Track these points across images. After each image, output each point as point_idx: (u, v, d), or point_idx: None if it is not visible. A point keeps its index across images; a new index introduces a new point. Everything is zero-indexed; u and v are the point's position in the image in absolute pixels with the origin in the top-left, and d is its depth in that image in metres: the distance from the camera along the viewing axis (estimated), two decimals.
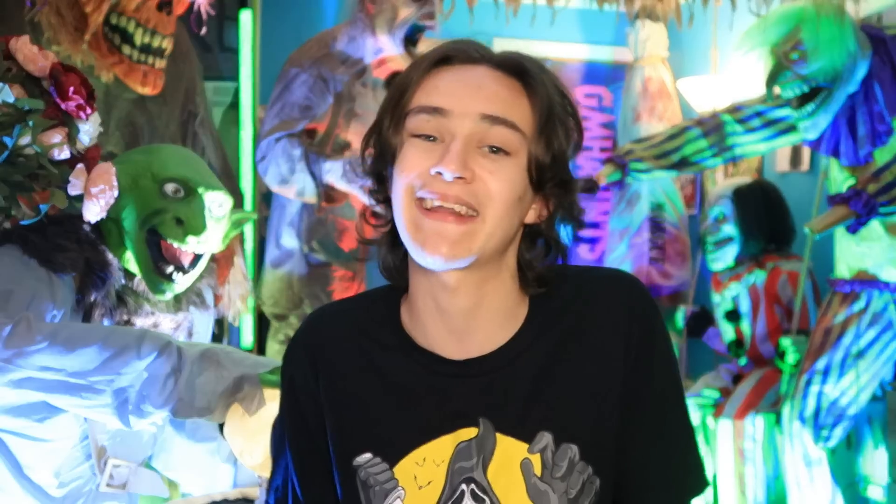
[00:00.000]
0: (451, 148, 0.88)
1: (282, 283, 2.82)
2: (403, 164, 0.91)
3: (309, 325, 1.04)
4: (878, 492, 2.77)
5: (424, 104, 0.91)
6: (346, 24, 2.83)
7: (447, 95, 0.91)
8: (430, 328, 0.96)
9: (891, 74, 2.36)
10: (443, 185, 0.88)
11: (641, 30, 3.85)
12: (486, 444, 0.93)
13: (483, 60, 0.93)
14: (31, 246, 1.56)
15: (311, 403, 0.99)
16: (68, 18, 1.95)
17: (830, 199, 2.31)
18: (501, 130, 0.90)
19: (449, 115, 0.90)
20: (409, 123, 0.91)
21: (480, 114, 0.89)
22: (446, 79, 0.92)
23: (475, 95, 0.90)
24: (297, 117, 2.66)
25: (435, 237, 0.88)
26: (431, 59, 0.93)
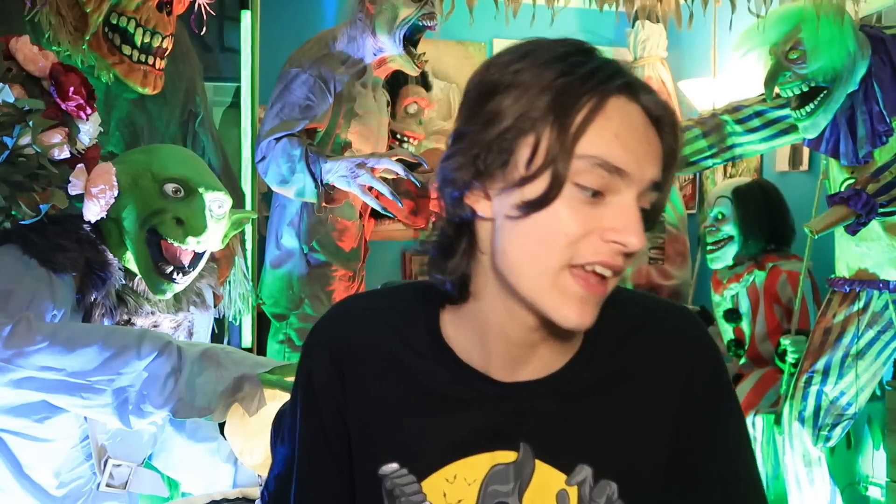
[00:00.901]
0: (633, 219, 0.82)
1: (282, 283, 2.82)
2: (565, 220, 0.81)
3: (334, 322, 0.97)
4: (878, 492, 2.77)
5: (609, 160, 0.81)
6: (346, 24, 2.83)
7: (629, 153, 0.82)
8: (485, 349, 0.90)
9: (890, 74, 2.36)
10: (615, 258, 0.82)
11: (641, 30, 3.86)
12: (524, 469, 0.89)
13: (637, 99, 0.84)
14: (31, 246, 1.57)
15: (329, 405, 0.94)
16: (68, 18, 1.95)
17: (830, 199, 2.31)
18: (653, 196, 0.85)
19: (626, 179, 0.82)
20: (578, 169, 0.81)
21: (650, 181, 0.84)
22: (624, 125, 0.82)
23: (650, 158, 0.83)
24: (297, 117, 2.66)
25: (582, 305, 0.83)
26: (608, 86, 0.82)
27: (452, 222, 0.89)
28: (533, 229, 0.82)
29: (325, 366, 0.94)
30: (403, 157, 2.65)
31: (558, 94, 0.81)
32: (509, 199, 0.83)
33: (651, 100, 0.85)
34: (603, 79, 0.82)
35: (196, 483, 1.87)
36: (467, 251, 0.89)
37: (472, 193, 0.86)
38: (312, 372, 0.95)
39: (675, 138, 0.86)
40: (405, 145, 3.44)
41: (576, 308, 0.83)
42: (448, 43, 4.03)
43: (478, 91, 0.86)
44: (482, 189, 0.85)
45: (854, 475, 2.85)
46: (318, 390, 0.94)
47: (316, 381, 0.95)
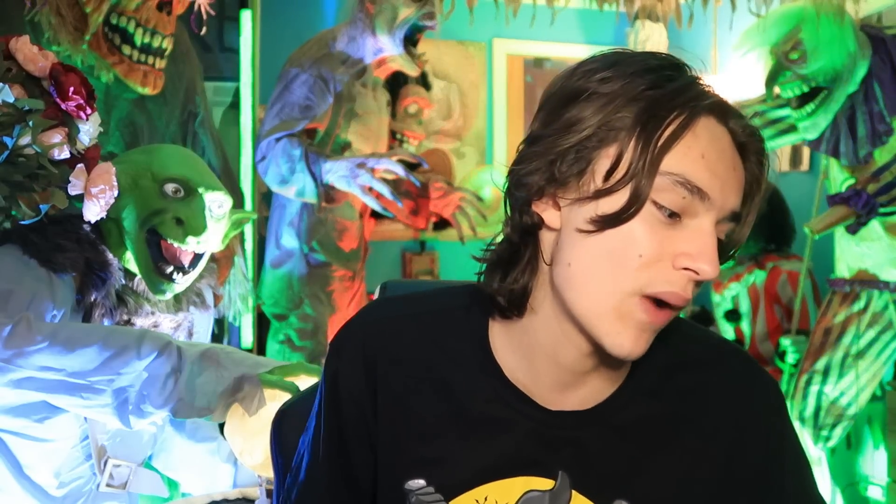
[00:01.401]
0: (709, 248, 0.77)
1: (282, 283, 2.82)
2: (644, 237, 0.77)
3: (370, 326, 0.91)
4: (878, 492, 2.78)
5: (692, 180, 0.77)
6: (346, 24, 2.83)
7: (713, 176, 0.78)
8: (533, 370, 0.86)
9: (891, 74, 2.36)
10: (686, 287, 0.78)
11: (641, 30, 3.85)
12: (559, 498, 0.86)
13: (725, 122, 0.82)
14: (31, 246, 1.57)
15: (354, 412, 0.89)
16: (68, 18, 1.95)
17: (830, 199, 2.31)
18: (731, 226, 0.81)
19: (708, 203, 0.77)
20: (659, 186, 0.77)
21: (731, 211, 0.80)
22: (711, 146, 0.79)
23: (733, 184, 0.79)
24: (297, 117, 2.66)
25: (639, 333, 0.79)
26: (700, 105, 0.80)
27: (518, 229, 0.84)
28: (604, 245, 0.78)
29: (355, 371, 0.89)
30: (403, 157, 2.65)
31: (647, 107, 0.78)
32: (582, 211, 0.79)
33: (740, 125, 0.82)
34: (694, 96, 0.80)
35: (196, 483, 1.87)
36: (531, 262, 0.84)
37: (542, 201, 0.82)
38: (339, 374, 0.90)
39: (761, 168, 0.83)
40: (405, 145, 3.44)
41: (632, 336, 0.78)
42: (448, 43, 4.03)
43: (559, 96, 0.82)
44: (553, 197, 0.81)
45: (854, 475, 2.85)
46: (344, 397, 0.90)
47: (342, 386, 0.90)
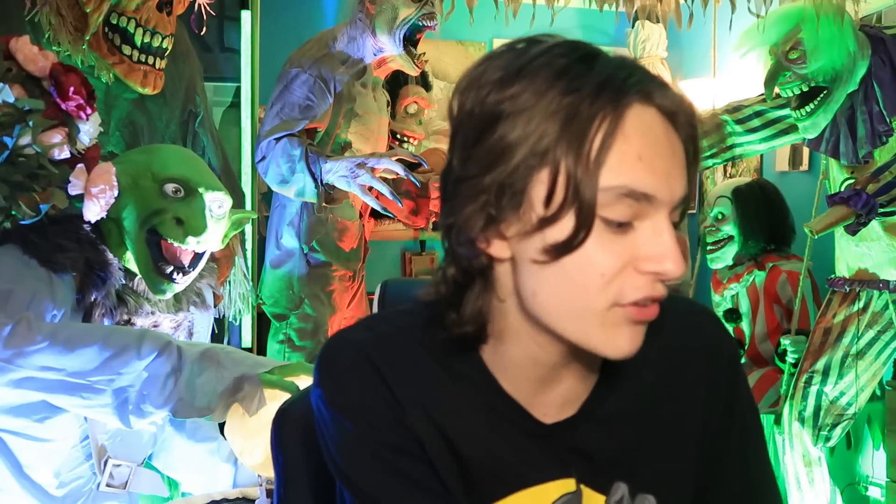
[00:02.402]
0: (667, 242, 0.75)
1: (282, 283, 2.82)
2: (598, 259, 0.74)
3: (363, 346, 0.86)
4: (878, 492, 2.78)
5: (635, 188, 0.73)
6: (346, 24, 2.83)
7: (657, 176, 0.74)
8: (517, 379, 0.86)
9: (890, 74, 2.36)
10: (657, 288, 0.76)
11: (641, 30, 3.86)
12: (579, 497, 0.87)
13: (652, 101, 0.76)
14: (31, 246, 1.57)
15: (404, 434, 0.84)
16: (68, 18, 1.95)
17: (830, 199, 2.31)
18: (682, 208, 0.79)
19: (655, 204, 0.75)
20: (603, 202, 0.73)
21: (680, 199, 0.77)
22: (644, 140, 0.74)
23: (677, 171, 0.76)
24: (297, 117, 2.66)
25: (633, 335, 0.78)
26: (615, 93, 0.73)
27: (465, 271, 0.80)
28: (564, 272, 0.75)
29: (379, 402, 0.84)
30: (403, 157, 2.65)
31: (567, 118, 0.72)
32: (531, 242, 0.75)
33: (664, 96, 0.76)
34: (614, 89, 0.73)
35: (196, 483, 1.87)
36: (482, 296, 0.81)
37: (485, 237, 0.78)
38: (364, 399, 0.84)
39: (695, 133, 0.79)
40: (405, 145, 3.44)
41: (626, 338, 0.77)
42: (448, 43, 4.03)
43: (472, 124, 0.76)
44: (496, 231, 0.77)
45: (854, 475, 2.85)
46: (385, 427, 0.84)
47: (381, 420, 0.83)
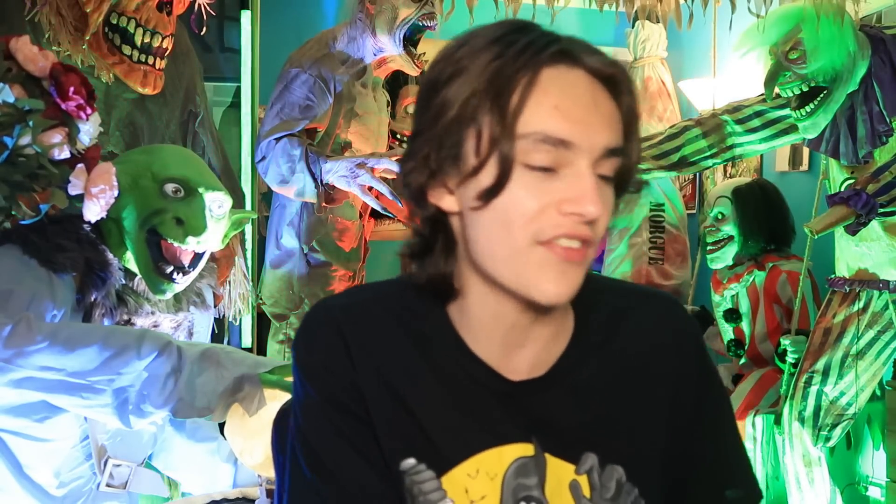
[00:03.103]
0: (587, 187, 0.80)
1: (282, 283, 2.82)
2: (522, 201, 0.80)
3: (332, 310, 0.91)
4: (878, 492, 2.78)
5: (551, 134, 0.79)
6: (345, 24, 2.83)
7: (572, 123, 0.80)
8: (484, 339, 0.90)
9: (890, 74, 2.36)
10: (577, 228, 0.81)
11: (641, 30, 3.86)
12: (539, 464, 0.89)
13: (580, 63, 0.82)
14: (31, 246, 1.57)
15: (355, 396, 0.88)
16: (68, 18, 1.95)
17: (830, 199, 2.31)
18: (613, 161, 0.83)
19: (574, 150, 0.80)
20: (525, 149, 0.80)
21: (604, 147, 0.81)
22: (564, 97, 0.80)
23: (599, 123, 0.81)
24: (297, 117, 2.66)
25: (558, 275, 0.82)
26: (536, 58, 0.80)
27: (424, 222, 0.88)
28: (494, 216, 0.82)
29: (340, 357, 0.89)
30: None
31: (493, 77, 0.80)
32: (468, 191, 0.83)
33: (597, 60, 0.82)
34: (535, 51, 0.80)
35: (196, 483, 1.87)
36: (445, 248, 0.88)
37: (434, 190, 0.86)
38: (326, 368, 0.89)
39: (632, 96, 0.84)
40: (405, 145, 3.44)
41: (553, 279, 0.82)
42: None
43: (425, 87, 0.85)
44: (443, 184, 0.85)
45: (854, 475, 2.85)
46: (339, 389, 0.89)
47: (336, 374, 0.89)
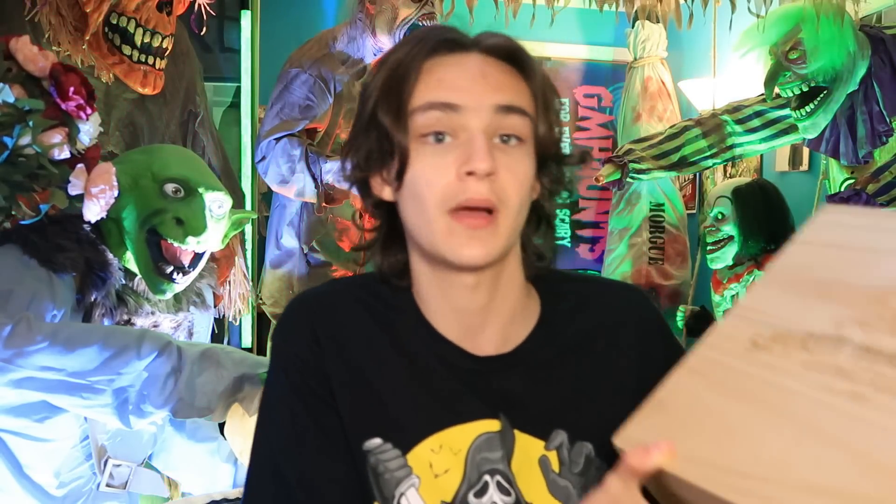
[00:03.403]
0: (476, 145, 0.86)
1: (282, 283, 2.82)
2: (423, 173, 0.87)
3: (302, 306, 0.97)
4: None
5: (434, 100, 0.87)
6: (346, 24, 2.83)
7: (457, 90, 0.87)
8: (445, 320, 0.94)
9: (890, 74, 2.36)
10: (474, 187, 0.86)
11: (641, 30, 3.86)
12: (507, 439, 0.92)
13: (474, 47, 0.90)
14: (31, 246, 1.57)
15: (321, 380, 0.93)
16: (68, 18, 1.95)
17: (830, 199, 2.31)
18: (514, 119, 0.88)
19: (462, 111, 0.86)
20: (418, 121, 0.87)
21: (494, 105, 0.87)
22: (449, 71, 0.88)
23: (485, 86, 0.88)
24: (297, 117, 2.66)
25: (469, 241, 0.87)
26: (423, 49, 0.89)
27: (373, 212, 0.97)
28: (410, 192, 0.89)
29: (308, 345, 0.94)
30: None
31: (388, 77, 0.90)
32: (391, 175, 0.91)
33: (495, 40, 0.90)
34: (422, 47, 0.89)
35: (196, 483, 1.87)
36: (390, 237, 0.96)
37: (374, 183, 0.93)
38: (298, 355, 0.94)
39: (535, 69, 0.91)
40: None
41: (462, 244, 0.87)
42: None
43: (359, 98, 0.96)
44: (379, 176, 0.92)
45: None
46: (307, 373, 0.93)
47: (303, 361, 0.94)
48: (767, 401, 0.75)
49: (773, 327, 0.80)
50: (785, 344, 0.78)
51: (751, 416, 0.75)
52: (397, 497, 0.89)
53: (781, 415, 0.73)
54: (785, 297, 0.82)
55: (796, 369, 0.75)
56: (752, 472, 0.71)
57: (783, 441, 0.71)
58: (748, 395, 0.76)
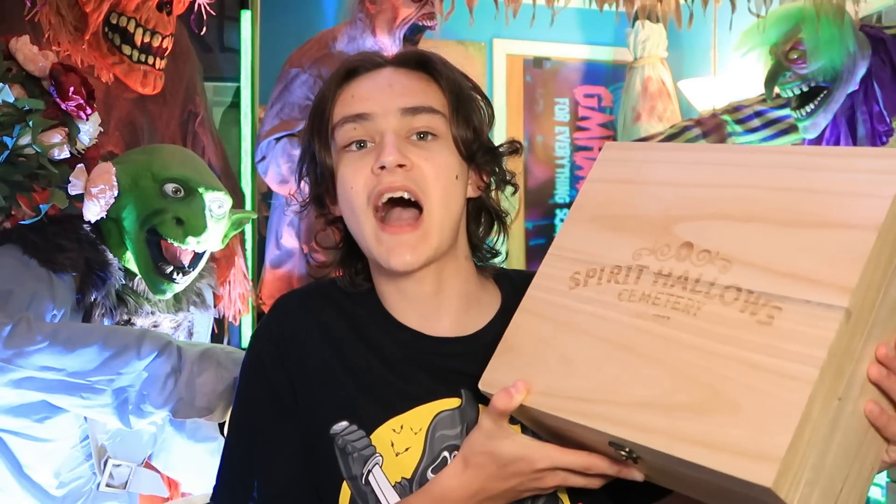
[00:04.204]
0: (386, 142, 0.95)
1: (282, 283, 2.82)
2: (346, 178, 0.98)
3: (275, 307, 1.06)
4: (878, 492, 2.77)
5: (348, 114, 0.98)
6: (346, 24, 2.83)
7: (365, 100, 0.98)
8: (402, 315, 1.02)
9: (890, 74, 2.36)
10: (388, 178, 0.95)
11: (641, 30, 3.86)
12: (468, 414, 0.97)
13: (386, 63, 1.01)
14: (31, 246, 1.57)
15: (282, 378, 1.00)
16: (68, 18, 1.94)
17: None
18: (424, 117, 0.97)
19: (373, 118, 0.97)
20: (338, 137, 0.98)
21: (401, 108, 0.97)
22: (360, 87, 0.99)
23: (391, 93, 0.98)
24: (297, 117, 2.66)
25: (397, 248, 0.96)
26: (339, 76, 1.01)
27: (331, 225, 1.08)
28: (342, 201, 1.00)
29: (271, 347, 1.02)
30: None
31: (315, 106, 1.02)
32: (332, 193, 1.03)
33: (405, 53, 1.03)
34: (338, 75, 1.01)
35: (196, 483, 1.87)
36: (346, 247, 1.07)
37: (328, 202, 1.05)
38: (261, 356, 1.03)
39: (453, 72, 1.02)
40: None
41: (393, 251, 0.96)
42: (448, 43, 4.03)
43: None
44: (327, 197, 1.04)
45: None
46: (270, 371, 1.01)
47: (266, 363, 1.02)
48: (595, 332, 0.85)
49: (586, 264, 0.89)
50: (598, 278, 0.88)
51: (584, 347, 0.85)
52: (365, 475, 0.96)
53: (608, 343, 0.83)
54: (589, 233, 0.91)
55: (613, 301, 0.85)
56: (593, 396, 0.81)
57: (613, 366, 0.81)
58: (579, 329, 0.86)
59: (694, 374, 0.75)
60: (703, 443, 0.72)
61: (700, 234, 0.82)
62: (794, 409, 0.69)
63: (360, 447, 0.96)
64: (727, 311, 0.76)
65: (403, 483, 0.95)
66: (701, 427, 0.72)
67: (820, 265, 0.73)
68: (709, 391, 0.74)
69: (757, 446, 0.69)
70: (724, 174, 0.85)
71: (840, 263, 0.72)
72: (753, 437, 0.69)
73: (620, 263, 0.86)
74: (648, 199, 0.88)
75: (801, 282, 0.74)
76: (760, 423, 0.70)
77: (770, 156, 0.85)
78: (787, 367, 0.71)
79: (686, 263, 0.81)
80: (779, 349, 0.72)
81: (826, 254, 0.73)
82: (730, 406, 0.72)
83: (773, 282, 0.75)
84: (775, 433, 0.68)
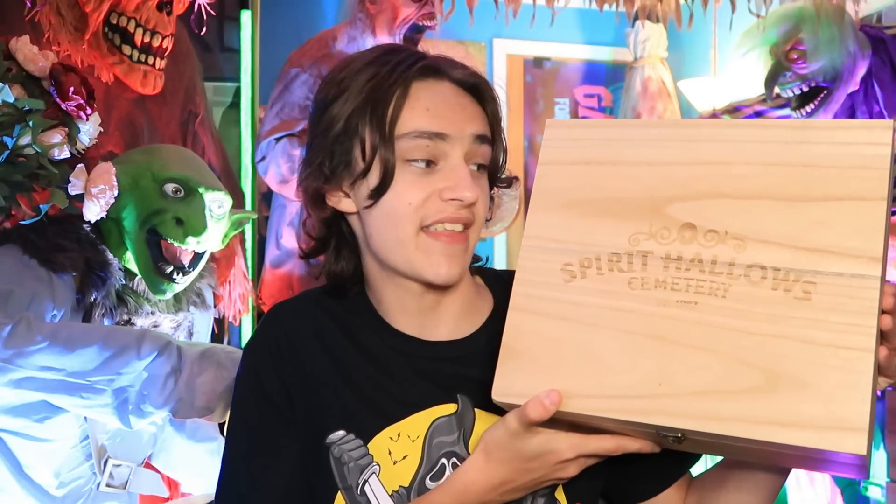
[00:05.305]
0: (461, 173, 0.93)
1: (282, 283, 2.82)
2: (404, 193, 0.93)
3: (268, 317, 1.05)
4: (878, 492, 2.78)
5: (425, 129, 0.93)
6: (346, 24, 2.83)
7: (441, 118, 0.94)
8: (398, 322, 1.01)
9: (890, 74, 2.36)
10: (457, 211, 0.93)
11: (641, 30, 3.86)
12: (465, 419, 0.97)
13: (445, 76, 0.97)
14: (31, 246, 1.57)
15: (277, 387, 0.99)
16: (68, 18, 1.94)
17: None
18: (485, 148, 0.96)
19: (448, 140, 0.93)
20: (406, 146, 0.93)
21: (473, 135, 0.95)
22: (433, 99, 0.95)
23: (464, 117, 0.95)
24: (297, 117, 2.66)
25: (442, 258, 0.93)
26: (408, 71, 0.95)
27: (321, 222, 1.01)
28: (385, 210, 0.94)
29: (267, 357, 1.01)
30: None
31: (369, 94, 0.94)
32: (360, 191, 0.96)
33: (461, 73, 0.98)
34: (405, 68, 0.95)
35: (196, 483, 1.87)
36: (338, 247, 1.03)
37: (331, 194, 0.98)
38: (257, 366, 1.01)
39: (495, 102, 0.99)
40: None
41: (442, 262, 0.93)
42: (448, 43, 4.03)
43: (316, 106, 1.00)
44: (338, 188, 0.97)
45: None
46: (265, 381, 1.00)
47: (262, 373, 1.01)
48: (616, 325, 0.80)
49: (576, 254, 0.85)
50: (597, 268, 0.83)
51: (610, 342, 0.80)
52: (360, 484, 0.95)
53: (635, 335, 0.79)
54: (567, 220, 0.86)
55: (623, 290, 0.81)
56: (638, 392, 0.77)
57: (650, 358, 0.77)
58: (594, 323, 0.81)
59: (746, 357, 0.75)
60: (780, 423, 0.72)
61: (698, 214, 0.80)
62: (863, 377, 0.71)
63: (357, 456, 0.95)
64: (758, 291, 0.76)
65: (401, 492, 0.95)
66: (773, 407, 0.73)
67: (842, 238, 0.75)
68: (769, 372, 0.74)
69: (838, 419, 0.71)
70: (704, 151, 0.82)
71: (862, 235, 0.74)
72: (832, 410, 0.71)
73: (617, 250, 0.83)
74: (624, 180, 0.85)
75: (826, 255, 0.75)
76: (834, 396, 0.71)
77: (747, 130, 0.83)
78: (841, 338, 0.72)
79: (694, 245, 0.79)
80: (828, 322, 0.73)
81: (844, 226, 0.75)
82: (796, 383, 0.73)
83: (797, 258, 0.76)
84: (853, 403, 0.71)
